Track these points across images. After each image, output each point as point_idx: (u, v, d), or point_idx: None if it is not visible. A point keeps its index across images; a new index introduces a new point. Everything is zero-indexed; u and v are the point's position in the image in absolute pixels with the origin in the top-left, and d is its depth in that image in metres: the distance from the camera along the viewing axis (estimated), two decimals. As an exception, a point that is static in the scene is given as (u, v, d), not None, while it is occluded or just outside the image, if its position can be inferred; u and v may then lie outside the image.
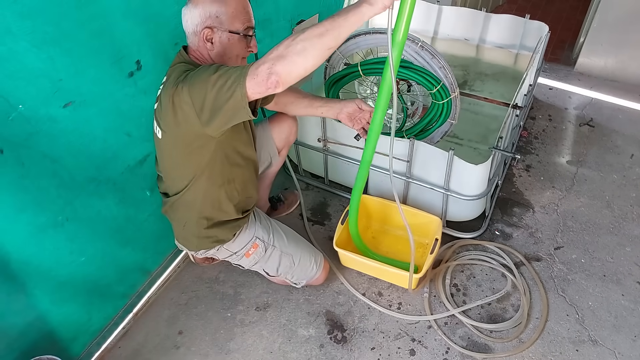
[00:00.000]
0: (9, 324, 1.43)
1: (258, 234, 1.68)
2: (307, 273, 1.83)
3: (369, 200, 2.08)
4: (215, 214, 1.55)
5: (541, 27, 2.43)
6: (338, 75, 2.03)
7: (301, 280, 1.84)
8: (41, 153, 1.33)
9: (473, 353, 1.73)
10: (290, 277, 1.81)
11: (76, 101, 1.36)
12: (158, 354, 1.78)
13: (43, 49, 1.23)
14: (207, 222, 1.56)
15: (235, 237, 1.63)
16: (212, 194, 1.51)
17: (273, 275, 1.79)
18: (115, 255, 1.73)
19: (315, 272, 1.84)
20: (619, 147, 2.54)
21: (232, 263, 1.74)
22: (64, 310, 1.60)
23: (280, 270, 1.76)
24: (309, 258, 1.81)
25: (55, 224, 1.43)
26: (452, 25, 2.71)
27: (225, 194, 1.53)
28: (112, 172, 1.58)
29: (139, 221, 1.79)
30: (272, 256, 1.72)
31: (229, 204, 1.55)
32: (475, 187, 1.93)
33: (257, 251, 1.68)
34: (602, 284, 1.92)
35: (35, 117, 1.27)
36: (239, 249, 1.66)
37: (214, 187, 1.50)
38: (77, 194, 1.48)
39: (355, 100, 1.73)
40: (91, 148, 1.47)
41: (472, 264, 2.02)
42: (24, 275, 1.41)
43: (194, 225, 1.57)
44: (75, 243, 1.53)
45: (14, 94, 1.21)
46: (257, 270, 1.78)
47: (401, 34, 1.24)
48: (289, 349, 1.78)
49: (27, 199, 1.33)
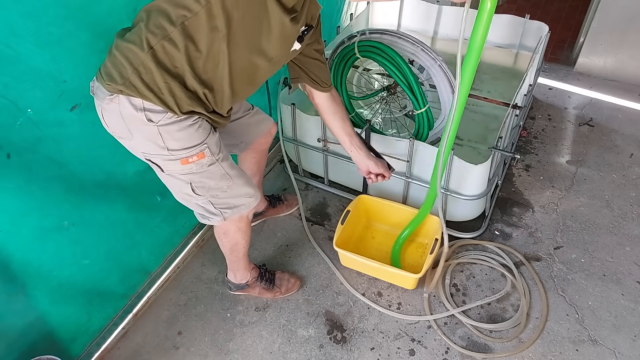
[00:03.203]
0: (9, 324, 1.43)
1: (210, 143, 1.31)
2: (233, 201, 1.48)
3: (369, 200, 2.08)
4: (201, 64, 1.17)
5: (541, 27, 2.43)
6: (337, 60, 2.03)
7: (224, 209, 1.47)
8: (48, 158, 1.31)
9: (473, 353, 1.73)
10: (213, 200, 1.44)
11: (82, 104, 1.34)
12: (157, 355, 1.78)
13: (47, 50, 1.21)
14: (178, 71, 1.16)
15: (181, 120, 1.22)
16: (220, 51, 1.16)
17: (198, 194, 1.40)
18: (119, 258, 1.74)
19: (243, 205, 1.50)
20: (619, 147, 2.54)
21: (150, 162, 1.33)
22: (64, 311, 1.60)
23: (209, 193, 1.41)
24: (244, 185, 1.48)
25: (60, 228, 1.43)
26: (452, 25, 2.71)
27: (235, 59, 1.20)
28: (121, 177, 1.57)
29: (149, 226, 1.79)
30: (212, 173, 1.37)
31: (227, 74, 1.21)
32: (475, 187, 1.93)
33: (200, 162, 1.31)
34: (602, 284, 1.92)
35: (43, 121, 1.26)
36: (178, 147, 1.25)
37: (232, 47, 1.17)
38: (85, 199, 1.47)
39: (381, 163, 1.74)
40: (100, 153, 1.46)
41: (472, 263, 2.02)
42: (24, 276, 1.41)
43: (152, 62, 1.13)
44: (80, 247, 1.53)
45: (22, 98, 1.20)
46: (175, 185, 1.40)
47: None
48: (288, 349, 1.78)
49: (33, 203, 1.33)
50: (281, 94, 2.17)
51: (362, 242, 2.10)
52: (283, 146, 2.30)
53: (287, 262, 2.06)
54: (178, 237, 2.05)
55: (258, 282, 1.88)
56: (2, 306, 1.39)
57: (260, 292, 1.90)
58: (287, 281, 1.93)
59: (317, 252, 2.10)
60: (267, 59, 1.26)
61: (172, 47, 1.12)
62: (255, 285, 1.88)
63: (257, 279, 1.87)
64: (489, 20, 1.18)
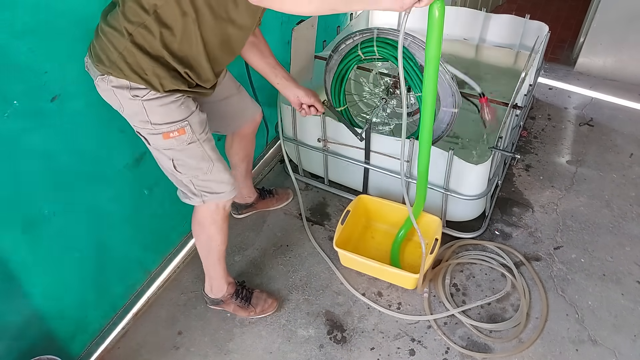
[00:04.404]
0: (7, 323, 1.43)
1: (192, 121, 1.36)
2: (214, 186, 1.50)
3: (369, 200, 2.08)
4: (177, 46, 1.23)
5: (541, 27, 2.43)
6: (341, 66, 2.03)
7: (204, 192, 1.50)
8: (30, 148, 1.31)
9: (473, 353, 1.73)
10: (194, 181, 1.47)
11: (62, 94, 1.34)
12: (157, 355, 1.78)
13: (23, 41, 1.20)
14: (155, 49, 1.22)
15: (163, 97, 1.29)
16: (192, 32, 1.22)
17: (179, 172, 1.44)
18: (113, 254, 1.73)
19: (223, 192, 1.52)
20: (619, 147, 2.54)
21: (140, 134, 1.40)
22: (63, 310, 1.59)
23: (190, 172, 1.44)
24: (224, 171, 1.50)
25: (42, 218, 1.42)
26: (452, 25, 2.71)
27: (208, 37, 1.25)
28: (107, 169, 1.57)
29: (137, 220, 1.79)
30: (193, 152, 1.40)
31: (202, 51, 1.26)
32: (475, 187, 1.93)
33: (181, 138, 1.35)
34: (601, 284, 1.92)
35: (26, 112, 1.27)
36: (161, 122, 1.32)
37: (203, 27, 1.22)
38: (67, 189, 1.47)
39: (311, 93, 1.80)
40: (84, 144, 1.46)
41: (472, 263, 2.02)
42: (20, 274, 1.41)
43: (134, 47, 1.20)
44: (65, 238, 1.51)
45: (8, 90, 1.21)
46: (161, 160, 1.45)
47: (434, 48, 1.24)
48: (288, 349, 1.78)
49: (14, 193, 1.32)
50: (281, 95, 2.16)
51: (362, 242, 2.10)
52: (283, 146, 2.30)
53: (287, 262, 2.06)
54: (176, 235, 2.06)
55: (233, 299, 1.83)
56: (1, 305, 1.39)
57: (235, 309, 1.85)
58: (264, 301, 1.87)
59: (317, 252, 2.10)
60: (237, 27, 1.30)
61: (148, 33, 1.19)
62: (230, 302, 1.83)
63: (232, 295, 1.83)
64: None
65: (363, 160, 2.08)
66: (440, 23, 1.22)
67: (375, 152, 2.03)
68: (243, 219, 2.23)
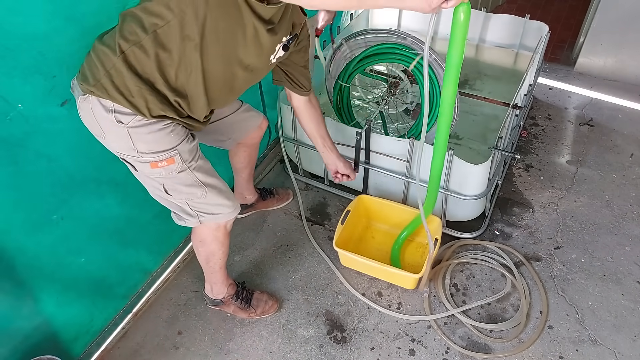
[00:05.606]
0: (16, 328, 1.44)
1: (182, 149, 1.28)
2: (211, 208, 1.45)
3: (369, 200, 2.08)
4: (173, 72, 1.16)
5: (541, 27, 2.43)
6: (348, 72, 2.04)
7: (201, 212, 1.44)
8: (36, 152, 1.31)
9: (473, 353, 1.73)
10: (190, 202, 1.42)
11: (72, 99, 1.34)
12: (157, 354, 1.78)
13: (34, 45, 1.20)
14: (147, 72, 1.15)
15: (151, 124, 1.20)
16: (192, 59, 1.16)
17: (170, 195, 1.38)
18: (116, 256, 1.73)
19: (221, 214, 1.48)
20: (619, 147, 2.54)
21: (125, 161, 1.31)
22: (69, 312, 1.60)
23: (183, 197, 1.39)
24: (219, 196, 1.45)
25: (49, 223, 1.43)
26: (452, 25, 2.71)
27: (209, 70, 1.20)
28: (113, 172, 1.57)
29: (142, 222, 1.79)
30: (184, 180, 1.34)
31: (201, 83, 1.20)
32: (475, 187, 1.93)
33: (170, 168, 1.28)
34: (602, 284, 1.92)
35: (33, 116, 1.27)
36: (147, 151, 1.24)
37: (205, 56, 1.16)
38: (73, 193, 1.47)
39: (348, 165, 1.90)
40: (91, 148, 1.46)
41: (472, 263, 2.02)
42: (29, 279, 1.42)
43: (124, 66, 1.13)
44: (72, 242, 1.52)
45: (12, 93, 1.21)
46: (149, 186, 1.38)
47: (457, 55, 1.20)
48: (288, 349, 1.78)
49: (20, 197, 1.33)
50: (281, 94, 2.17)
51: (362, 242, 2.10)
52: (283, 146, 2.30)
53: (287, 262, 2.06)
54: (177, 236, 2.06)
55: (233, 300, 1.82)
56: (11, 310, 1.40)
57: (235, 310, 1.85)
58: (264, 303, 1.86)
59: (317, 252, 2.10)
60: (243, 67, 1.26)
61: (142, 53, 1.13)
62: (230, 303, 1.83)
63: (232, 296, 1.82)
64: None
65: (363, 161, 2.08)
66: (465, 26, 1.15)
67: (375, 152, 2.03)
68: (243, 219, 2.23)
